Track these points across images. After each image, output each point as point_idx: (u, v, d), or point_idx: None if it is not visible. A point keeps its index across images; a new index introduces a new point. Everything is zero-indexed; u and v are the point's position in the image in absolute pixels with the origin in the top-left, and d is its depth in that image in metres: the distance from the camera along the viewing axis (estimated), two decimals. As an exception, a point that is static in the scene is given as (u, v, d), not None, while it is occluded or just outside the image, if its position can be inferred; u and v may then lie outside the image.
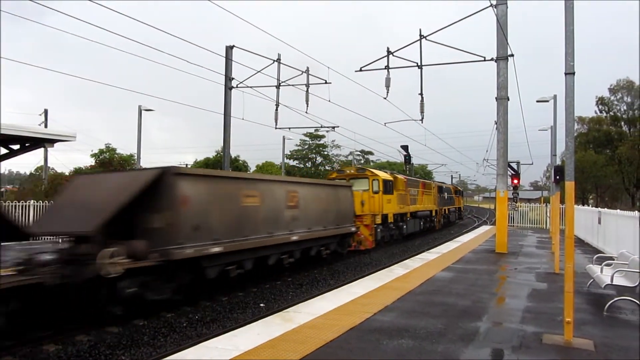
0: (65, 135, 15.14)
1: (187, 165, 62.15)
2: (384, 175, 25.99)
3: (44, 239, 19.12)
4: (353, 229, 20.52)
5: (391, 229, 26.39)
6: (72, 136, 15.23)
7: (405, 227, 28.46)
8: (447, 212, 43.53)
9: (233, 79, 23.53)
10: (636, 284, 8.74)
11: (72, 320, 9.90)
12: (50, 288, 9.30)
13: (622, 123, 68.25)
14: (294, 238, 15.58)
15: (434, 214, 36.89)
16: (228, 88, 23.37)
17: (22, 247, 13.98)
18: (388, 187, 25.49)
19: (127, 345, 9.00)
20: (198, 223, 11.42)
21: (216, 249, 11.89)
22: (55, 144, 15.01)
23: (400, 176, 29.13)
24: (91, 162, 46.06)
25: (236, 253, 12.81)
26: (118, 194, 10.51)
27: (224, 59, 23.22)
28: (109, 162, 45.59)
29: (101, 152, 45.95)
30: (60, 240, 9.81)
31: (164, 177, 10.91)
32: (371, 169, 26.92)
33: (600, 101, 68.80)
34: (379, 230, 24.22)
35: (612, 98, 68.19)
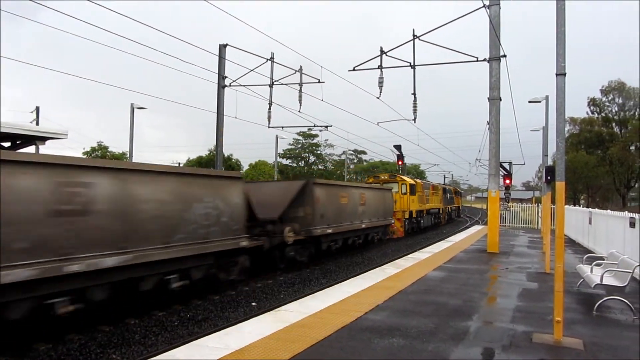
0: (57, 133, 15.05)
1: (179, 164, 62.01)
2: (409, 180, 32.44)
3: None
4: (392, 221, 27.02)
5: (413, 222, 32.64)
6: (63, 134, 15.14)
7: (422, 221, 34.98)
8: (450, 210, 50.60)
9: (226, 77, 23.47)
10: (625, 284, 8.81)
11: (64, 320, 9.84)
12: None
13: (614, 124, 68.77)
14: (363, 226, 22.05)
15: (440, 211, 43.29)
16: (221, 87, 23.30)
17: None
18: (412, 189, 31.75)
19: (118, 343, 8.96)
20: (323, 213, 17.78)
21: (329, 231, 18.37)
22: (47, 142, 14.92)
23: (419, 180, 36.98)
24: (83, 160, 45.85)
25: (337, 234, 19.34)
26: (284, 196, 16.85)
27: (217, 57, 23.16)
28: (101, 160, 45.44)
29: (93, 150, 45.82)
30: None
31: (307, 185, 17.37)
32: (400, 175, 33.02)
33: (592, 102, 69.30)
34: (406, 223, 30.81)
35: (604, 99, 68.71)
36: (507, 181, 30.40)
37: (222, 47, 23.05)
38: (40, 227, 7.93)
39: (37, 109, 38.64)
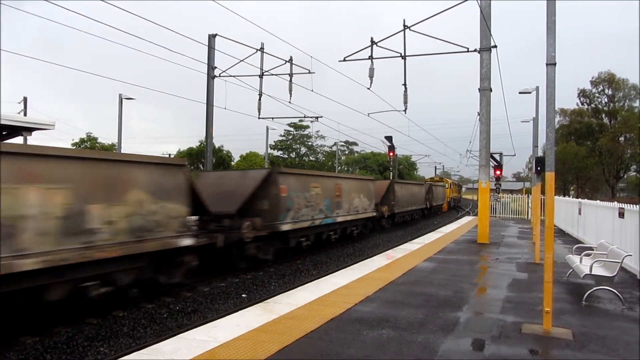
0: (44, 124, 14.87)
1: (170, 155, 61.67)
2: (448, 180, 60.52)
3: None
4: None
5: (450, 203, 57.64)
6: (50, 124, 14.97)
7: (452, 203, 59.06)
8: (459, 197, 73.23)
9: (216, 68, 23.28)
10: (614, 274, 8.83)
11: (52, 313, 9.75)
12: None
13: (603, 115, 69.20)
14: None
15: (458, 198, 69.25)
16: (211, 77, 23.11)
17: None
18: (450, 186, 57.04)
19: (106, 336, 8.88)
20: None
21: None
22: (34, 133, 14.74)
23: (449, 180, 63.26)
24: (72, 151, 45.43)
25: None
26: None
27: (207, 47, 22.95)
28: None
29: (82, 141, 45.42)
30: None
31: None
32: (445, 178, 58.90)
33: (582, 93, 69.67)
34: (449, 203, 57.01)
35: (594, 90, 69.04)
36: (498, 172, 30.46)
37: (212, 37, 22.85)
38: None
39: (25, 99, 38.21)
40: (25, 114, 35.24)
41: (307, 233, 17.87)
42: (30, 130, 14.46)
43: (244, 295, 12.10)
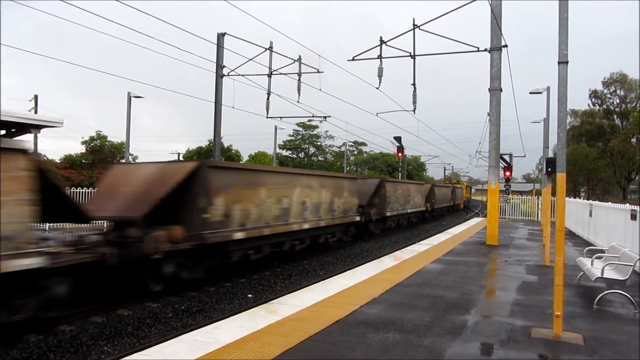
0: (52, 121, 14.84)
1: (179, 154, 61.84)
2: (464, 183, 75.55)
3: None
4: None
5: (465, 202, 66.22)
6: (59, 122, 14.91)
7: (467, 203, 69.28)
8: (469, 198, 79.77)
9: (224, 67, 23.23)
10: (627, 277, 8.64)
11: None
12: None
13: (615, 116, 68.46)
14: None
15: (469, 198, 79.34)
16: (219, 76, 23.07)
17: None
18: (465, 187, 71.02)
19: (110, 335, 8.83)
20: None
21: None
22: (43, 130, 14.72)
23: (464, 182, 79.05)
24: (82, 149, 45.63)
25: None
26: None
27: (216, 46, 22.91)
28: (100, 149, 45.22)
29: (92, 139, 45.53)
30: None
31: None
32: (462, 181, 74.48)
33: (594, 94, 68.94)
34: (464, 202, 65.62)
35: (606, 91, 68.33)
36: (507, 173, 30.20)
37: (221, 36, 22.79)
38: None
39: (36, 97, 38.37)
40: (35, 112, 35.39)
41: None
42: (39, 127, 14.45)
43: (250, 296, 12.02)
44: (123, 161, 36.83)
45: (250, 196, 13.77)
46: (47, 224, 19.69)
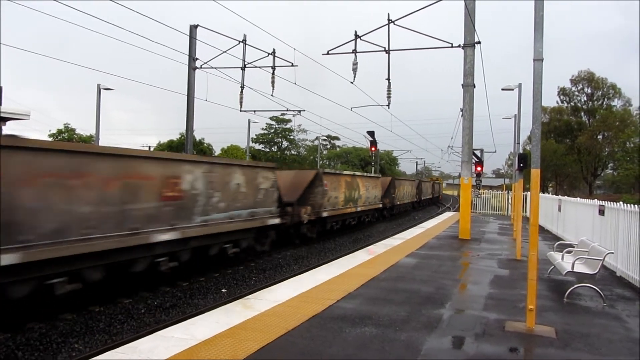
0: (19, 114, 14.47)
1: (150, 147, 60.90)
2: (441, 179, 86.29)
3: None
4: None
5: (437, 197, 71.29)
6: (25, 114, 14.57)
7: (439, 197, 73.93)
8: (437, 193, 74.96)
9: (197, 59, 22.89)
10: (596, 271, 8.84)
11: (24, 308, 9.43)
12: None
13: (582, 113, 70.02)
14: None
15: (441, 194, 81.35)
16: (192, 68, 22.72)
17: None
18: (441, 183, 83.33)
19: (81, 332, 8.64)
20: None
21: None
22: (8, 123, 14.33)
23: (441, 179, 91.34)
24: (49, 142, 44.57)
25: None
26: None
27: (188, 38, 22.55)
28: (68, 142, 44.26)
29: (60, 132, 44.53)
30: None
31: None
32: (440, 178, 75.27)
33: (562, 91, 70.35)
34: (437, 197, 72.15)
35: (573, 89, 69.82)
36: (479, 168, 30.61)
37: (193, 28, 22.42)
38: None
39: (0, 89, 37.20)
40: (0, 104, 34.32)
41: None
42: (4, 120, 14.05)
43: (223, 290, 11.91)
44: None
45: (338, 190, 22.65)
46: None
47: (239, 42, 22.20)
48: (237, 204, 14.09)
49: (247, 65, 22.82)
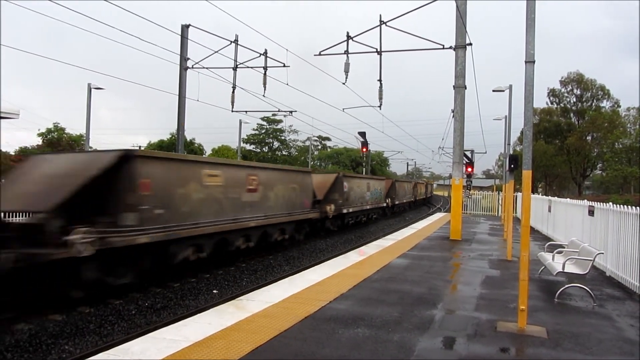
0: (8, 112, 14.32)
1: (140, 147, 60.63)
2: (432, 182, 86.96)
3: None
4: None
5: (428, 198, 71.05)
6: (15, 113, 14.39)
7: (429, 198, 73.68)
8: (426, 196, 73.71)
9: (189, 59, 22.80)
10: (586, 272, 8.90)
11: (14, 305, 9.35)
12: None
13: (572, 114, 70.56)
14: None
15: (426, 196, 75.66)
16: (183, 68, 22.62)
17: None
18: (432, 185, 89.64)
19: (71, 333, 8.58)
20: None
21: None
22: (-2, 122, 14.17)
23: (432, 181, 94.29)
24: (38, 141, 44.22)
25: None
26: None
27: (180, 38, 22.46)
28: (58, 142, 43.94)
29: (49, 131, 44.17)
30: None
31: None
32: (427, 180, 75.82)
33: (552, 93, 70.86)
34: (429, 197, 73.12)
35: (563, 90, 70.34)
36: (470, 169, 30.74)
37: (185, 28, 22.32)
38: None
39: (-10, 88, 36.90)
40: (-12, 103, 33.97)
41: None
42: (-5, 119, 13.90)
43: (215, 291, 11.87)
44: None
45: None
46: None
47: (231, 42, 22.14)
48: (294, 200, 19.02)
49: (238, 66, 22.76)
